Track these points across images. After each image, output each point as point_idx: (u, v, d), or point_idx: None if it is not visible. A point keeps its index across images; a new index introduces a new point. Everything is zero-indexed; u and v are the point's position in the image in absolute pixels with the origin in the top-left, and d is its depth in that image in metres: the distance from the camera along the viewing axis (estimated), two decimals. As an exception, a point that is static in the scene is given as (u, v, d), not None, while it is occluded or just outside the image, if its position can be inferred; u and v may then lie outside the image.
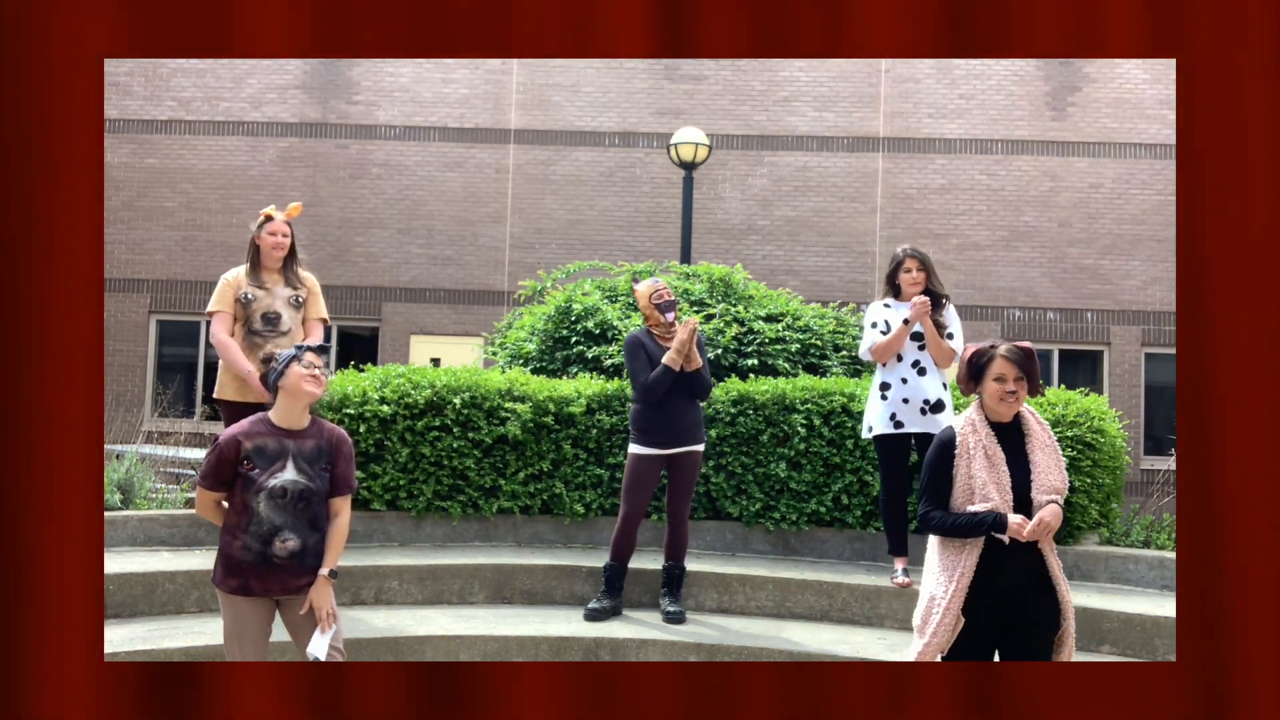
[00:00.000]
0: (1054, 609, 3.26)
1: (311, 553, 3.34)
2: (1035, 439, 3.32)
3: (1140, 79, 14.17)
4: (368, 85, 14.42)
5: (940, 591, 3.26)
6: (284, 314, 5.19)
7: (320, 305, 5.37)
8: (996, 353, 3.30)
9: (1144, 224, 14.04)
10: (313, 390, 3.33)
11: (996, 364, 3.28)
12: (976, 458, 3.27)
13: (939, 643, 3.23)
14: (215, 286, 5.63)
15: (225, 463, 3.30)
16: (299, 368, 3.32)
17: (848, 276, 14.16)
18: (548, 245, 14.26)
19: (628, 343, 5.15)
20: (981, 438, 3.29)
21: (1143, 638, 4.86)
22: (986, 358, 3.32)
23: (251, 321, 5.16)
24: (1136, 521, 6.55)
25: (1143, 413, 13.80)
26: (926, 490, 3.34)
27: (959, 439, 3.32)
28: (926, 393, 5.25)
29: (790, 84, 14.37)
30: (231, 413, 5.17)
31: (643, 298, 5.19)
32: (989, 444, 3.28)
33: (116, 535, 5.65)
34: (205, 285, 14.08)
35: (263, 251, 5.20)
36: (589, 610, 5.06)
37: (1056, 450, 3.32)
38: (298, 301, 5.26)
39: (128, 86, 14.45)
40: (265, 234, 5.19)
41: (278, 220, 5.21)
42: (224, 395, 5.21)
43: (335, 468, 3.41)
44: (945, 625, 3.22)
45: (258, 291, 5.17)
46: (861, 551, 6.06)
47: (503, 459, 6.15)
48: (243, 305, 5.17)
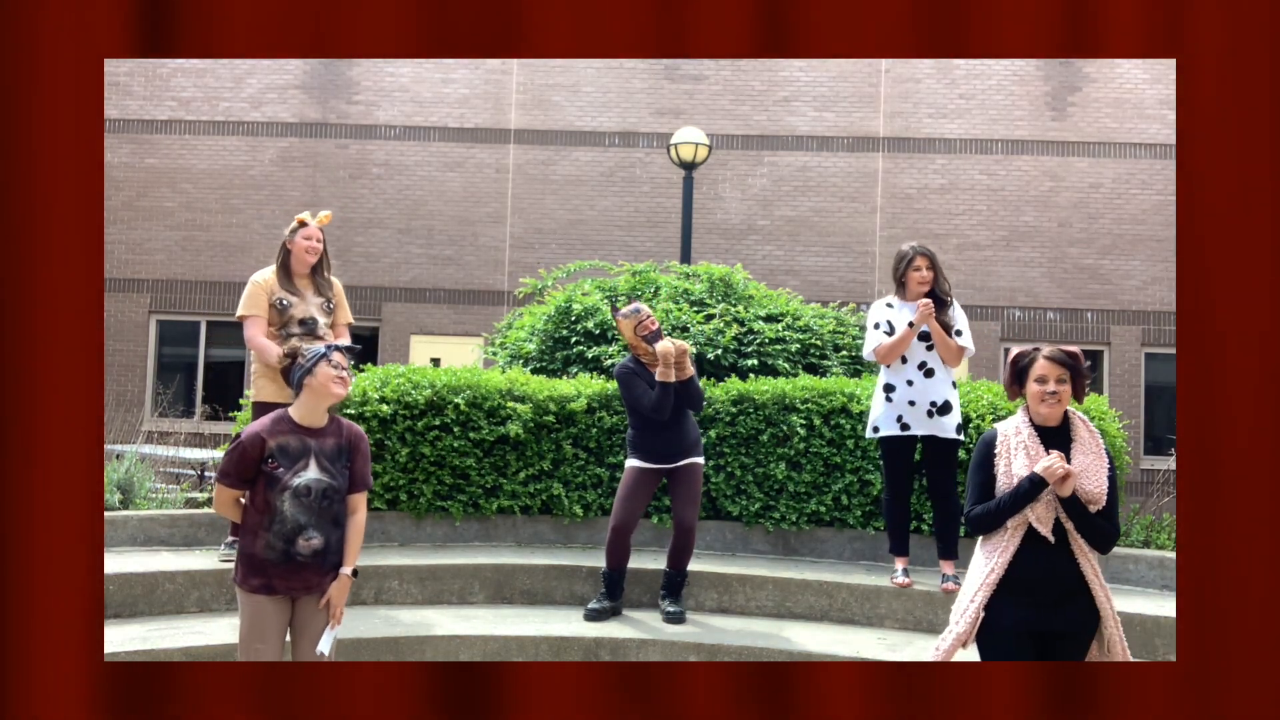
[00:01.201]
0: (1090, 611, 3.23)
1: (333, 550, 3.36)
2: (1081, 444, 3.28)
3: (1140, 79, 14.17)
4: (368, 85, 14.42)
5: (971, 587, 3.26)
6: (320, 319, 5.24)
7: (347, 310, 5.46)
8: (1039, 354, 3.29)
9: (1144, 224, 14.04)
10: (339, 391, 3.36)
11: (1038, 365, 3.28)
12: (1018, 456, 3.25)
13: (961, 633, 3.22)
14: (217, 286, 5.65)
15: (249, 460, 3.30)
16: (328, 368, 3.34)
17: (848, 276, 14.16)
18: (548, 245, 14.26)
19: (620, 375, 5.10)
20: (1024, 437, 3.27)
21: (1143, 638, 4.86)
22: (1028, 359, 3.31)
23: (289, 327, 5.18)
24: (1136, 521, 6.55)
25: (1143, 413, 13.80)
26: (972, 491, 3.33)
27: (1000, 438, 3.31)
28: (933, 395, 5.22)
29: (790, 84, 14.37)
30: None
31: (626, 330, 5.10)
32: (1031, 443, 3.26)
33: (116, 535, 5.65)
34: (205, 285, 14.09)
35: (294, 256, 5.23)
36: (589, 610, 5.06)
37: (1103, 456, 3.27)
38: (329, 308, 5.32)
39: (128, 86, 14.45)
40: (300, 239, 5.22)
41: (311, 226, 5.25)
42: (262, 397, 5.20)
43: (354, 465, 3.43)
44: (967, 617, 3.22)
45: (292, 298, 5.20)
46: (861, 551, 6.06)
47: (503, 459, 6.15)
48: (279, 311, 5.18)
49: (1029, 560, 3.21)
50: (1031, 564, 3.21)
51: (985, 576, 3.23)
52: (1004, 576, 3.22)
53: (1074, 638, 3.23)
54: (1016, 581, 3.21)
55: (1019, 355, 3.35)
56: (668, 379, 4.94)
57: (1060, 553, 3.22)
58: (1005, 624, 3.21)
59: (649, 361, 5.13)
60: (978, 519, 3.28)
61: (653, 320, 5.08)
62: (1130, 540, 6.27)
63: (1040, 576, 3.20)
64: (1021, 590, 3.21)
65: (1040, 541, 3.22)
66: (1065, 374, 3.26)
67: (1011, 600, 3.21)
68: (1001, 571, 3.21)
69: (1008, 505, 3.21)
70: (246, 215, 14.27)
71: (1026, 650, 3.21)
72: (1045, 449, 3.27)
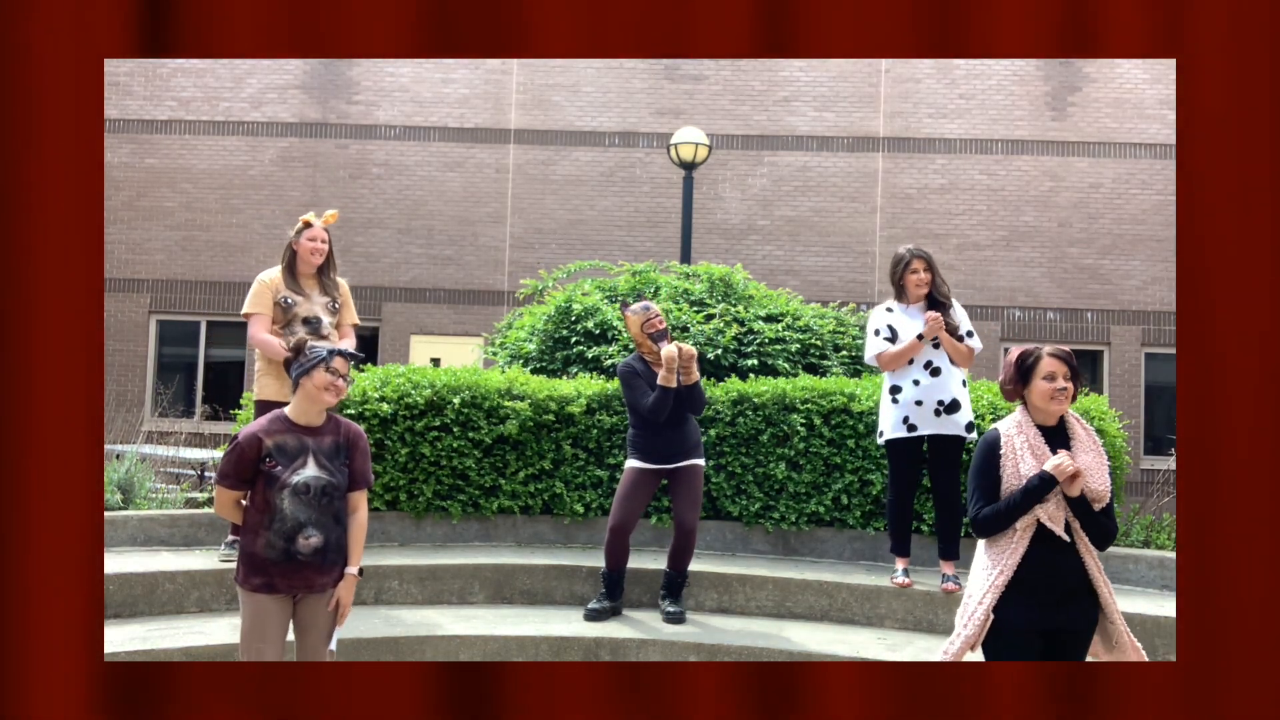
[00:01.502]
0: (1093, 609, 3.24)
1: (333, 548, 3.37)
2: (1080, 442, 3.29)
3: (1140, 79, 14.17)
4: (368, 85, 14.42)
5: (978, 589, 3.26)
6: (325, 319, 5.24)
7: (353, 311, 5.46)
8: (1043, 352, 3.29)
9: (1144, 224, 14.04)
10: (329, 399, 3.37)
11: (1045, 363, 3.28)
12: (1025, 457, 3.25)
13: (969, 636, 3.22)
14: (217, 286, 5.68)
15: (246, 461, 3.31)
16: (324, 374, 3.34)
17: (848, 276, 14.16)
18: (548, 245, 14.26)
19: (621, 373, 5.11)
20: (1029, 437, 3.27)
21: (1143, 638, 4.86)
22: (1033, 358, 3.31)
23: (293, 326, 5.19)
24: (1136, 521, 6.55)
25: (1143, 413, 13.80)
26: (976, 493, 3.31)
27: (1004, 439, 3.30)
28: (940, 394, 5.19)
29: (790, 84, 14.37)
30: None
31: (634, 326, 5.12)
32: (1036, 443, 3.26)
33: (116, 535, 5.65)
34: (205, 285, 14.09)
35: (300, 257, 5.25)
36: (589, 610, 5.06)
37: (1102, 454, 3.29)
38: (334, 307, 5.33)
39: (128, 86, 14.45)
40: (305, 240, 5.24)
41: (317, 226, 5.27)
42: (265, 395, 5.22)
43: (353, 463, 3.44)
44: (975, 620, 3.22)
45: (297, 297, 5.21)
46: (861, 551, 6.06)
47: (503, 459, 6.15)
48: (283, 310, 5.20)
49: (1037, 560, 3.21)
50: (1039, 564, 3.21)
51: (994, 578, 3.22)
52: (1013, 578, 3.22)
53: (1078, 635, 3.24)
54: (1025, 582, 3.21)
55: (1024, 354, 3.35)
56: (668, 383, 4.93)
57: (1067, 551, 3.23)
58: (1017, 625, 3.20)
59: (653, 360, 5.13)
60: (986, 521, 3.27)
61: (661, 320, 5.09)
62: (1130, 540, 6.27)
63: (1048, 576, 3.20)
64: (1030, 590, 3.21)
65: (1047, 542, 3.22)
66: (1071, 372, 3.27)
67: (1021, 601, 3.21)
68: (1011, 573, 3.21)
69: (1019, 505, 3.20)
70: (246, 215, 14.27)
71: (1035, 650, 3.21)
72: (1050, 448, 3.27)
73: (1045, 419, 3.31)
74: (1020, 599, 3.21)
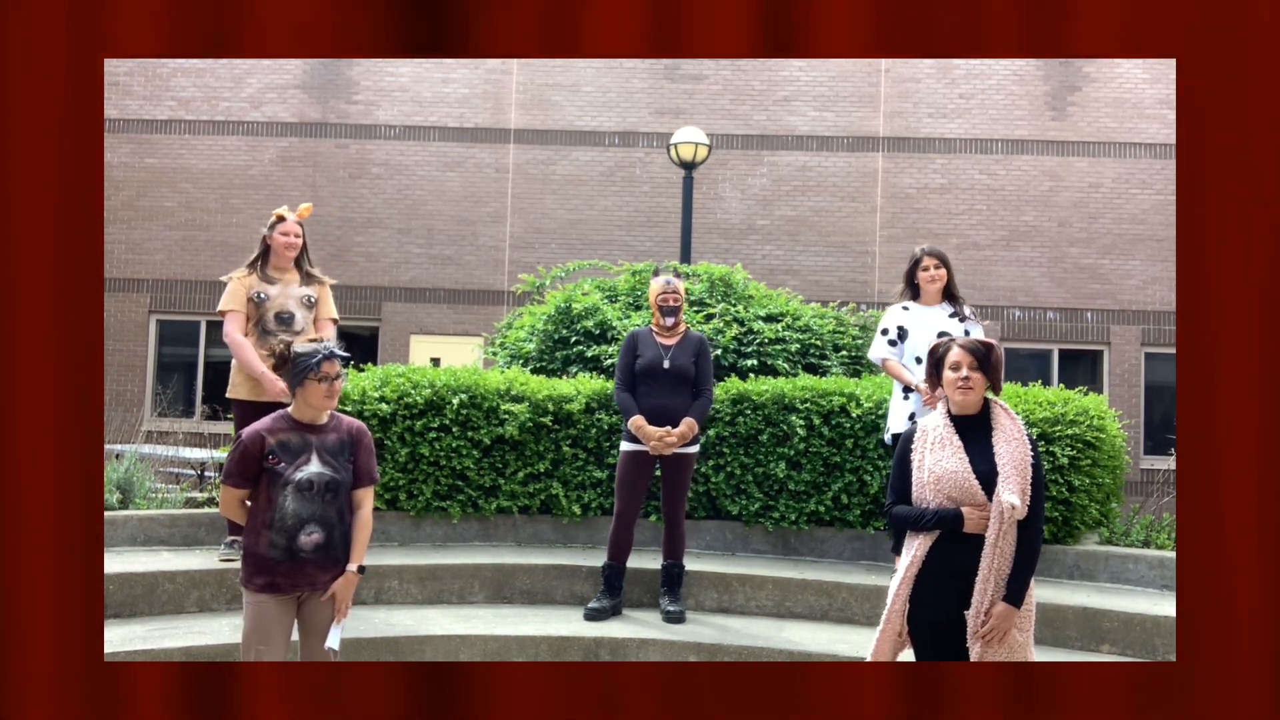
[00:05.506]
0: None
1: (337, 545, 3.37)
2: (1003, 432, 3.31)
3: (1140, 79, 14.17)
4: (367, 85, 14.42)
5: (894, 582, 3.31)
6: (297, 314, 5.25)
7: (331, 305, 5.46)
8: (954, 343, 3.34)
9: (1144, 224, 14.05)
10: (328, 404, 3.38)
11: (952, 354, 3.34)
12: (933, 449, 3.30)
13: (889, 629, 3.27)
14: (217, 286, 5.71)
15: (250, 459, 3.32)
16: (316, 384, 3.34)
17: (847, 276, 14.16)
18: (548, 245, 14.26)
19: (626, 339, 5.25)
20: (940, 429, 3.32)
21: (1143, 638, 4.86)
22: (944, 349, 3.37)
23: (265, 321, 5.20)
24: (1136, 521, 6.55)
25: (1143, 413, 13.80)
26: (890, 483, 3.42)
27: (919, 433, 3.37)
28: None
29: (790, 84, 14.37)
30: (244, 412, 5.20)
31: (652, 293, 5.26)
32: (947, 434, 3.30)
33: (116, 535, 5.65)
34: (205, 285, 14.09)
35: (274, 251, 5.27)
36: (589, 610, 5.06)
37: (1025, 446, 3.27)
38: (310, 301, 5.32)
39: (128, 86, 14.45)
40: (278, 234, 5.27)
41: (290, 220, 5.27)
42: (237, 394, 5.23)
43: (357, 459, 3.44)
44: (895, 611, 3.27)
45: (270, 290, 5.21)
46: (861, 551, 6.06)
47: (502, 459, 6.15)
48: (255, 305, 5.20)
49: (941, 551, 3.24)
50: (944, 554, 3.24)
51: (904, 570, 3.28)
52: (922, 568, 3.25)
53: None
54: (936, 571, 3.24)
55: (935, 346, 3.41)
56: (639, 435, 5.03)
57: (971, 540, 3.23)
58: (931, 617, 3.23)
59: (659, 332, 5.22)
60: (896, 519, 3.34)
61: (676, 298, 5.20)
62: (1130, 540, 6.27)
63: (957, 566, 3.22)
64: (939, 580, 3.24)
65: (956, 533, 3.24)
66: (976, 362, 3.29)
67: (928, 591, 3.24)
68: (919, 565, 3.25)
69: (929, 524, 3.24)
70: (246, 215, 14.26)
71: (946, 641, 3.24)
72: (963, 439, 3.29)
73: (960, 409, 3.34)
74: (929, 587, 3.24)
